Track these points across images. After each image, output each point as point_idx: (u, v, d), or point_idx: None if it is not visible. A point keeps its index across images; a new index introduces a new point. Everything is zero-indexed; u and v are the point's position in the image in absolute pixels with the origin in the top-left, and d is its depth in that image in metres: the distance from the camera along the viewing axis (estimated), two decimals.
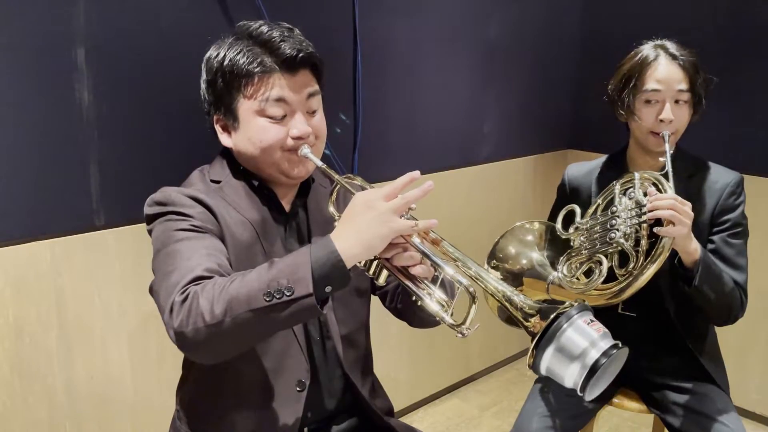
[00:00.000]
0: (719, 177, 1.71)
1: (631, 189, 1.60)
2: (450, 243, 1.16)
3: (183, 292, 1.06)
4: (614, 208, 1.60)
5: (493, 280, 1.13)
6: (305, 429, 1.34)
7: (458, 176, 2.73)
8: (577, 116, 3.19)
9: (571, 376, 1.06)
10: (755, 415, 2.75)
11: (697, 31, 2.69)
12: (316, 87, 1.30)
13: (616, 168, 1.78)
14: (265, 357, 1.27)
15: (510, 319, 1.16)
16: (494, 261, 1.71)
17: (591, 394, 1.08)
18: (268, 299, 1.01)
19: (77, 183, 1.71)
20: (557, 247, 1.70)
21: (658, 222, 1.50)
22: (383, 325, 1.60)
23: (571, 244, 1.66)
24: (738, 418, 1.65)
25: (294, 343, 1.29)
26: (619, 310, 1.79)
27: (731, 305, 1.65)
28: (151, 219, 1.25)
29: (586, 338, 1.05)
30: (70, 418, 1.79)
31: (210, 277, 1.09)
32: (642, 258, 1.51)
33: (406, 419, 2.69)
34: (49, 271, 1.70)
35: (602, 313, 1.80)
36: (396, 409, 1.51)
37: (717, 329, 1.80)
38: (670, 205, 1.47)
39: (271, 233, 1.30)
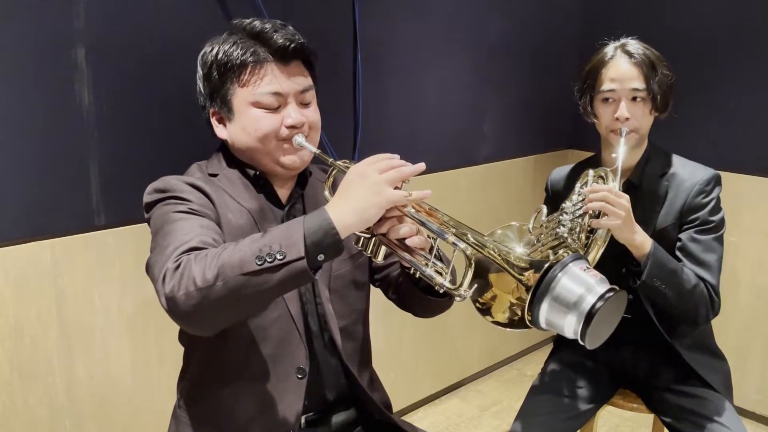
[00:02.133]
0: (691, 175, 1.70)
1: (586, 185, 1.61)
2: (444, 212, 1.16)
3: (176, 260, 1.07)
4: (564, 205, 1.61)
5: (490, 242, 1.12)
6: (303, 418, 1.35)
7: (458, 176, 2.73)
8: (576, 116, 3.17)
9: (570, 325, 1.04)
10: (755, 415, 2.75)
11: (694, 29, 2.70)
12: (309, 80, 1.32)
13: (590, 168, 1.79)
14: (264, 344, 1.28)
15: (511, 323, 1.16)
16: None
17: (593, 342, 1.06)
18: (259, 263, 1.01)
19: (77, 183, 1.71)
20: None
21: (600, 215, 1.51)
22: (383, 324, 1.60)
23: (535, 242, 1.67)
24: (739, 421, 1.65)
25: (293, 330, 1.30)
26: None
27: (697, 303, 1.62)
28: (150, 206, 1.26)
29: (581, 285, 1.03)
30: (70, 418, 1.79)
31: (204, 249, 1.10)
32: (581, 251, 1.51)
33: (406, 419, 2.69)
34: (49, 271, 1.70)
35: None
36: (396, 409, 1.52)
37: (715, 330, 1.80)
38: (602, 196, 1.49)
39: (268, 221, 1.31)
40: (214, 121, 1.34)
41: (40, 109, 1.63)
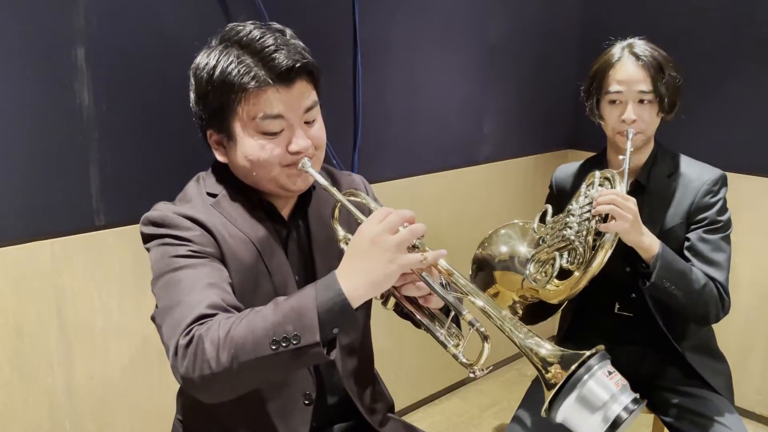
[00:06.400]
0: (698, 175, 1.70)
1: (591, 187, 1.61)
2: (461, 275, 1.11)
3: (187, 334, 1.05)
4: (571, 206, 1.61)
5: (508, 321, 1.10)
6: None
7: (458, 176, 2.73)
8: (577, 116, 3.18)
9: (590, 427, 1.05)
10: (755, 415, 2.75)
11: (695, 30, 2.69)
12: (314, 97, 1.23)
13: (596, 168, 1.79)
14: None
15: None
16: (481, 249, 1.72)
17: None
18: (274, 347, 1.00)
19: (77, 183, 1.71)
20: None
21: (607, 218, 1.51)
22: (383, 325, 1.60)
23: (540, 242, 1.68)
24: (740, 421, 1.64)
25: None
26: (616, 310, 1.79)
27: (706, 303, 1.62)
28: (147, 239, 1.21)
29: (607, 391, 1.05)
30: (70, 418, 1.79)
31: (213, 314, 1.07)
32: (588, 253, 1.52)
33: (406, 419, 2.69)
34: (49, 271, 1.70)
35: (600, 313, 1.81)
36: (396, 408, 1.52)
37: (716, 330, 1.79)
38: (610, 200, 1.49)
39: (273, 248, 1.26)
40: (212, 143, 1.26)
41: (40, 109, 1.63)
